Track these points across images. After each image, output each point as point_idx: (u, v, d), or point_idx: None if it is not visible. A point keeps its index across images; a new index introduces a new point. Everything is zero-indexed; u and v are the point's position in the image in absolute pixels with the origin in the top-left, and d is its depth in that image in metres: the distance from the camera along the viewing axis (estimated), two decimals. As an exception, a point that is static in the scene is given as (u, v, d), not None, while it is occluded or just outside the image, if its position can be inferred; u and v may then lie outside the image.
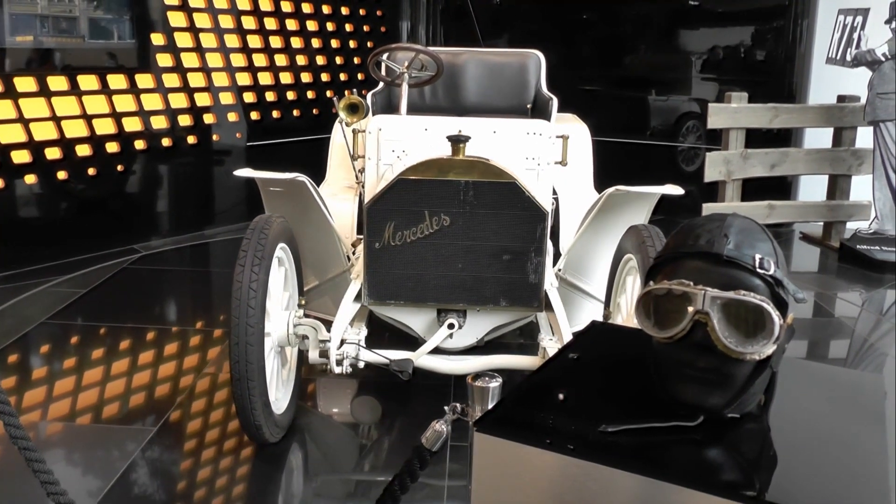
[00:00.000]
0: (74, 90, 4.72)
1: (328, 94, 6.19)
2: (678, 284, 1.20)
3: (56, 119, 4.64)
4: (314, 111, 6.15)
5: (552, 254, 3.14)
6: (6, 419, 1.73)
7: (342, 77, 6.46)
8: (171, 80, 5.25)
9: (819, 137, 5.72)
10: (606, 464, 1.09)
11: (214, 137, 5.59)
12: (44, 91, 4.57)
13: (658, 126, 6.74)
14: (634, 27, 6.83)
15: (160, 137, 5.23)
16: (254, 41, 5.78)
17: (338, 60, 6.45)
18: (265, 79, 5.88)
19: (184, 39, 5.30)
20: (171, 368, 3.42)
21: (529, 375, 1.37)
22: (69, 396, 3.13)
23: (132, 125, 5.04)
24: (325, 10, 6.30)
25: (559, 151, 3.19)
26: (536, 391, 1.30)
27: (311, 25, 6.20)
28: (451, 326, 2.79)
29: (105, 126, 4.89)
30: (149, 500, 2.46)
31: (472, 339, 2.94)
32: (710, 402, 1.20)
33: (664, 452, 1.15)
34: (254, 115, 5.82)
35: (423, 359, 2.76)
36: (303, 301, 2.84)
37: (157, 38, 5.16)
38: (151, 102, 5.14)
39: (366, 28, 6.69)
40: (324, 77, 6.33)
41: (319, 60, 6.28)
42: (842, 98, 5.41)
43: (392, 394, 3.17)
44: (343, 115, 3.30)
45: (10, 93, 4.42)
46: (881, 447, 1.23)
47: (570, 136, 3.20)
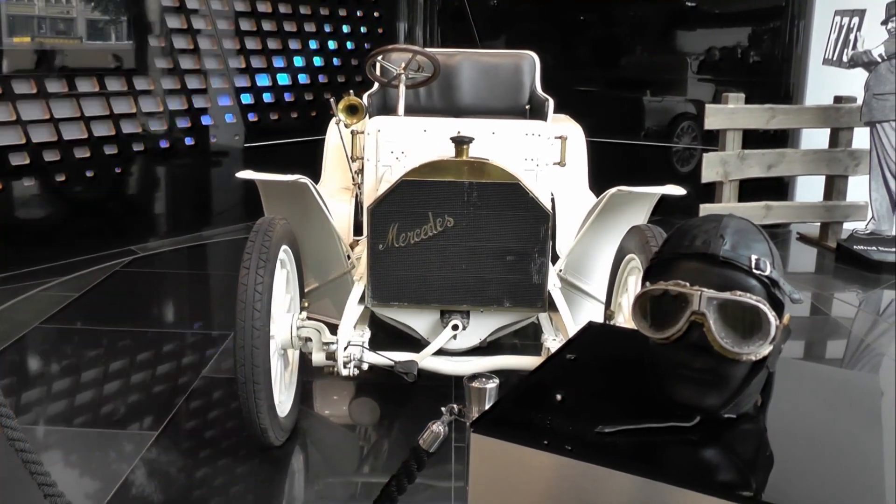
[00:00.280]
0: (72, 92, 4.72)
1: (326, 96, 6.19)
2: (674, 285, 1.21)
3: (54, 121, 4.63)
4: (312, 113, 6.14)
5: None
6: (3, 420, 1.73)
7: (340, 78, 6.46)
8: (169, 82, 5.25)
9: (816, 138, 5.73)
10: (603, 464, 1.09)
11: (212, 139, 5.59)
12: (41, 93, 4.57)
13: (654, 127, 6.74)
14: (631, 28, 6.83)
15: (158, 139, 5.23)
16: (251, 43, 5.78)
17: (335, 62, 6.45)
18: (263, 80, 5.88)
19: (181, 41, 5.30)
20: (170, 372, 3.40)
21: (526, 376, 1.37)
22: (68, 401, 3.11)
23: (130, 127, 5.04)
24: (323, 12, 6.30)
25: (557, 152, 3.19)
26: (533, 392, 1.31)
27: (309, 27, 6.20)
28: (455, 328, 2.78)
29: (103, 128, 4.89)
30: (153, 506, 2.45)
31: (476, 340, 2.93)
32: (707, 403, 1.21)
33: (661, 453, 1.16)
34: (251, 117, 5.83)
35: (427, 360, 2.74)
36: (306, 303, 2.82)
37: (155, 40, 5.16)
38: (149, 104, 5.14)
39: (363, 29, 6.69)
40: (321, 78, 6.33)
41: (317, 62, 6.28)
42: (838, 99, 5.42)
43: (392, 395, 3.16)
44: (342, 117, 3.31)
45: (8, 95, 4.41)
46: (877, 447, 1.23)
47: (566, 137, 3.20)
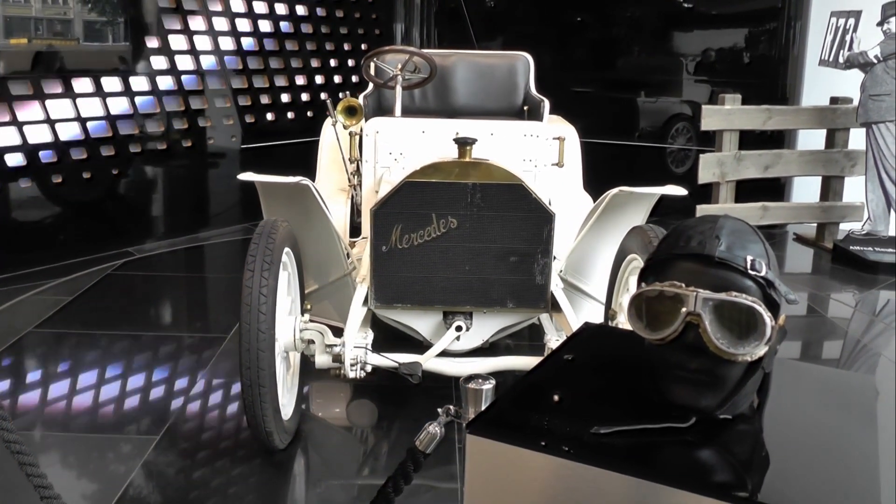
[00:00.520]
0: (69, 93, 4.72)
1: (323, 97, 6.19)
2: (670, 286, 1.21)
3: (50, 122, 4.63)
4: (309, 114, 6.15)
5: None
6: None
7: (337, 79, 6.46)
8: (166, 83, 5.24)
9: (812, 139, 5.75)
10: (599, 465, 1.09)
11: (209, 140, 5.59)
12: (38, 94, 4.56)
13: (648, 127, 6.75)
14: (628, 29, 6.84)
15: (155, 140, 5.23)
16: (248, 44, 5.77)
17: (332, 63, 6.45)
18: (260, 81, 5.88)
19: (178, 42, 5.30)
20: (168, 375, 3.37)
21: (522, 377, 1.37)
22: (66, 407, 3.08)
23: (127, 128, 5.04)
24: (320, 13, 6.30)
25: (556, 153, 3.20)
26: (529, 393, 1.31)
27: (306, 28, 6.20)
28: (459, 329, 2.78)
29: (100, 129, 4.88)
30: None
31: (479, 341, 2.92)
32: (702, 404, 1.21)
33: (657, 454, 1.16)
34: (248, 118, 5.82)
35: (431, 361, 2.74)
36: (308, 306, 2.81)
37: (152, 41, 5.16)
38: (146, 105, 5.14)
39: (360, 31, 6.69)
40: (318, 79, 6.33)
41: (314, 63, 6.29)
42: (834, 100, 5.43)
43: (392, 396, 3.14)
44: (341, 118, 3.31)
45: (5, 96, 4.41)
46: (872, 448, 1.23)
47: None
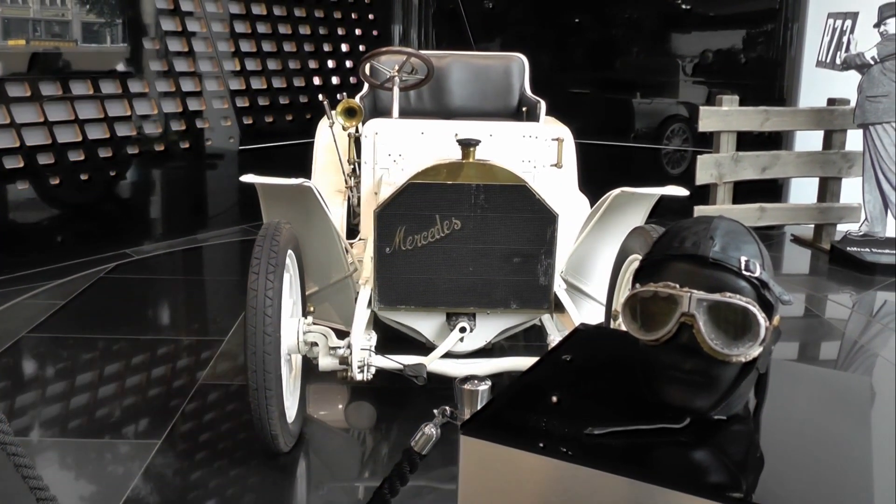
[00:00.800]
0: (67, 95, 4.71)
1: (320, 98, 6.19)
2: (664, 287, 1.21)
3: (48, 124, 4.62)
4: (306, 115, 6.15)
5: None
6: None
7: (334, 81, 6.47)
8: (164, 85, 5.24)
9: (809, 140, 5.75)
10: (592, 466, 1.09)
11: (207, 142, 5.59)
12: (36, 96, 4.56)
13: (646, 129, 6.75)
14: (626, 31, 6.85)
15: (153, 142, 5.22)
16: (246, 45, 5.78)
17: (330, 64, 6.45)
18: (257, 83, 5.88)
19: (176, 44, 5.30)
20: (167, 379, 3.35)
21: (516, 379, 1.37)
22: (65, 412, 3.04)
23: (125, 130, 5.04)
24: (318, 14, 6.31)
25: (554, 154, 3.21)
26: (523, 394, 1.31)
27: (304, 29, 6.21)
28: (463, 330, 2.78)
29: (97, 131, 4.88)
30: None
31: (482, 342, 2.93)
32: (697, 404, 1.21)
33: (651, 454, 1.16)
34: (246, 120, 5.82)
35: (435, 363, 2.74)
36: (311, 308, 2.80)
37: (150, 43, 5.16)
38: (144, 107, 5.14)
39: (358, 32, 6.70)
40: (316, 81, 6.33)
41: (312, 64, 6.29)
42: (832, 101, 5.43)
43: (392, 398, 3.13)
44: (341, 120, 3.32)
45: (2, 97, 4.40)
46: (867, 449, 1.23)
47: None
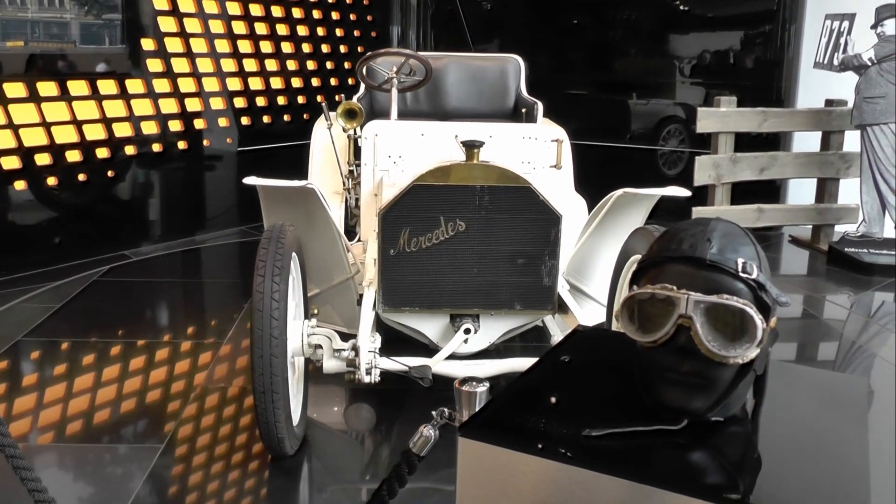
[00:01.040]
0: (64, 95, 4.71)
1: (318, 99, 6.20)
2: (661, 289, 1.21)
3: (46, 125, 4.62)
4: (304, 116, 6.15)
5: None
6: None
7: (333, 82, 6.46)
8: (162, 86, 5.24)
9: (807, 141, 5.76)
10: (590, 468, 1.09)
11: (205, 143, 5.58)
12: (34, 96, 4.56)
13: (642, 130, 6.75)
14: (624, 32, 6.85)
15: (150, 143, 5.22)
16: (244, 46, 5.77)
17: (328, 65, 6.45)
18: (256, 84, 5.88)
19: (174, 44, 5.30)
20: (166, 383, 3.32)
21: (514, 380, 1.37)
22: (65, 418, 3.02)
23: (122, 131, 5.03)
24: (316, 15, 6.31)
25: (553, 155, 3.21)
26: (521, 396, 1.31)
27: (302, 30, 6.21)
28: (468, 331, 2.77)
29: (95, 131, 4.88)
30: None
31: (486, 343, 2.92)
32: (694, 406, 1.21)
33: (648, 456, 1.16)
34: (244, 121, 5.82)
35: (439, 364, 2.73)
36: (315, 310, 2.79)
37: (148, 44, 5.15)
38: (142, 108, 5.13)
39: (356, 33, 6.70)
40: (314, 82, 6.33)
41: (310, 65, 6.29)
42: (829, 102, 5.44)
43: (393, 400, 3.13)
44: (342, 122, 3.33)
45: (0, 98, 4.40)
46: (864, 449, 1.24)
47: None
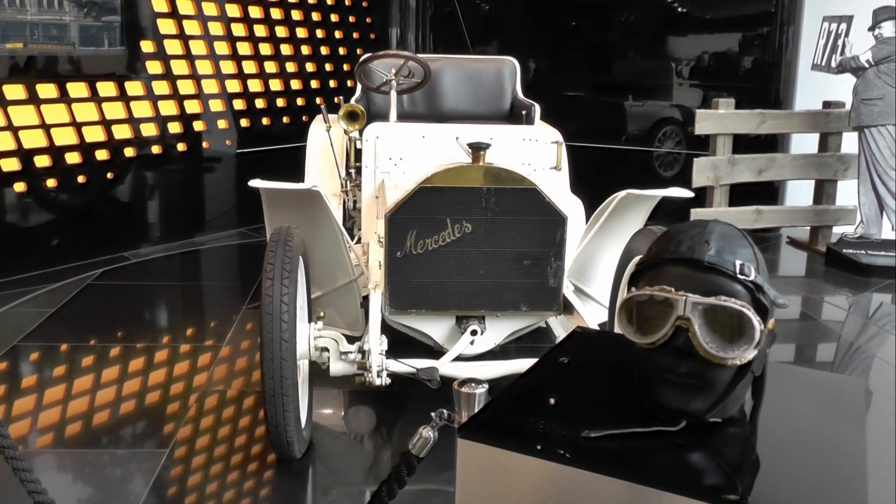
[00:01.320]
0: (64, 97, 4.71)
1: (317, 101, 6.20)
2: (660, 290, 1.22)
3: (45, 127, 4.62)
4: (303, 118, 6.15)
5: None
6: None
7: (332, 84, 6.47)
8: (161, 88, 5.24)
9: (805, 143, 5.77)
10: (589, 469, 1.10)
11: (204, 144, 5.58)
12: (33, 98, 4.56)
13: (638, 131, 6.75)
14: (623, 34, 6.86)
15: (150, 145, 5.22)
16: (243, 48, 5.78)
17: (327, 67, 6.46)
18: (255, 86, 5.88)
19: (173, 46, 5.30)
20: (167, 387, 3.30)
21: (513, 382, 1.38)
22: (68, 424, 2.98)
23: (122, 133, 5.03)
24: (315, 17, 6.31)
25: (553, 157, 3.22)
26: (520, 397, 1.31)
27: (301, 32, 6.21)
28: (474, 333, 2.78)
29: (94, 134, 4.88)
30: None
31: (492, 345, 2.93)
32: (692, 407, 1.22)
33: (647, 457, 1.16)
34: (243, 122, 5.82)
35: (446, 366, 2.73)
36: (321, 313, 2.78)
37: (147, 46, 5.15)
38: (141, 110, 5.13)
39: (355, 35, 6.70)
40: (313, 84, 6.33)
41: (309, 67, 6.29)
42: (827, 104, 5.45)
43: (393, 401, 3.13)
44: (344, 124, 3.34)
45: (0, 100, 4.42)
46: (862, 450, 1.24)
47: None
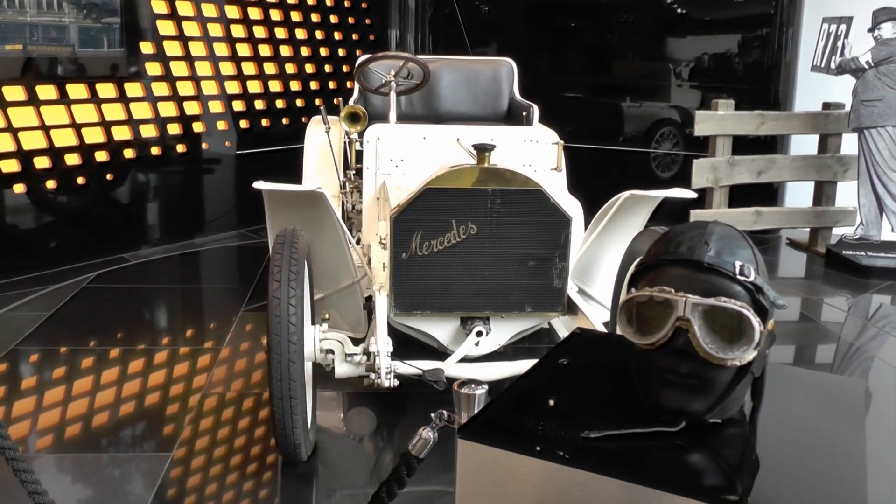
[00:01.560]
0: (63, 99, 4.71)
1: (317, 103, 6.20)
2: (659, 291, 1.22)
3: (45, 128, 4.62)
4: (302, 119, 6.15)
5: None
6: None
7: (331, 85, 6.47)
8: (161, 89, 5.24)
9: (805, 144, 5.77)
10: (589, 469, 1.10)
11: (204, 146, 5.59)
12: (33, 100, 4.56)
13: (636, 133, 6.75)
14: (622, 35, 6.86)
15: (149, 146, 5.22)
16: (243, 49, 5.78)
17: (327, 69, 6.46)
18: (254, 87, 5.88)
19: (173, 48, 5.30)
20: (167, 389, 3.30)
21: (513, 382, 1.38)
22: (69, 427, 2.97)
23: (121, 134, 5.03)
24: (315, 19, 6.32)
25: (554, 158, 3.23)
26: (520, 398, 1.32)
27: (301, 34, 6.21)
28: (479, 334, 2.78)
29: (94, 135, 4.88)
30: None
31: (496, 346, 2.93)
32: (692, 408, 1.22)
33: (647, 458, 1.16)
34: (243, 124, 5.82)
35: (451, 367, 2.73)
36: (326, 315, 2.78)
37: (147, 47, 5.16)
38: (141, 111, 5.13)
39: (355, 36, 6.71)
40: (312, 85, 6.34)
41: (308, 69, 6.30)
42: (827, 105, 5.45)
43: (394, 403, 3.13)
44: (345, 125, 3.34)
45: (-1, 101, 4.42)
46: (862, 451, 1.24)
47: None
